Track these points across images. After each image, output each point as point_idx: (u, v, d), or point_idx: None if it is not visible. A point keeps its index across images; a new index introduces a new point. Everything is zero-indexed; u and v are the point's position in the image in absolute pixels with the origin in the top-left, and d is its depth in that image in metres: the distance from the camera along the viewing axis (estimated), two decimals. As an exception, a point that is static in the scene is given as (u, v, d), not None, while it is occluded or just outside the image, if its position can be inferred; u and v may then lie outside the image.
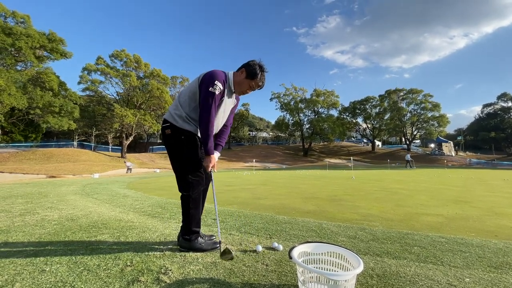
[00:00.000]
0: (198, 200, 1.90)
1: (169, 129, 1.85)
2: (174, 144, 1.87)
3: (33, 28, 22.85)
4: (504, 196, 5.53)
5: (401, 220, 3.24)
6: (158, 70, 33.89)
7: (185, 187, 1.86)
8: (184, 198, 1.87)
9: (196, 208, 1.89)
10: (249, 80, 1.92)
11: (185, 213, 1.87)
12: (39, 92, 22.21)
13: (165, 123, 1.88)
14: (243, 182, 8.90)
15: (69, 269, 1.55)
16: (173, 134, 1.85)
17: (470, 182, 9.38)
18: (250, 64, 1.93)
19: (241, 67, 1.95)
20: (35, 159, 24.13)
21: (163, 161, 32.16)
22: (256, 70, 1.90)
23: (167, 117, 1.88)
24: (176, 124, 1.83)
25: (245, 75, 1.92)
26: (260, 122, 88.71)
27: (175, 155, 1.89)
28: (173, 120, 1.85)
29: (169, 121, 1.86)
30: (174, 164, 1.91)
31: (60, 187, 6.68)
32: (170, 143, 1.88)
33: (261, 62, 1.96)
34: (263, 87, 2.03)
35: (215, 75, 1.79)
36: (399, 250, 1.99)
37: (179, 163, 1.88)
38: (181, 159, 1.87)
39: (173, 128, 1.84)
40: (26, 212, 3.27)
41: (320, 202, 4.63)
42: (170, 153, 1.91)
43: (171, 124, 1.84)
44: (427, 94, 45.45)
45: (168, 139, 1.88)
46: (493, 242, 2.25)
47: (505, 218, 3.38)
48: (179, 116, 1.84)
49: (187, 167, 1.86)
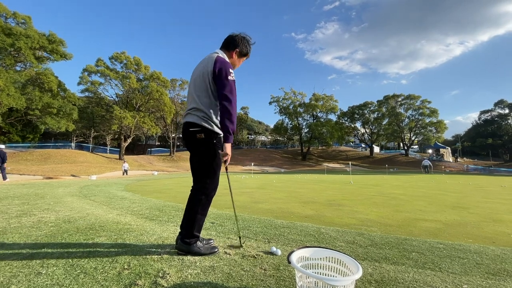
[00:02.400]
0: (207, 206, 1.87)
1: (202, 133, 1.78)
2: (206, 149, 1.80)
3: (33, 29, 22.88)
4: (501, 203, 5.55)
5: (399, 225, 3.24)
6: (158, 72, 33.99)
7: (200, 191, 1.83)
8: (194, 201, 1.83)
9: (203, 213, 1.86)
10: (242, 58, 2.02)
11: (191, 217, 1.81)
12: (38, 93, 22.16)
13: (194, 127, 1.79)
14: (242, 186, 8.88)
15: (66, 272, 1.53)
16: (207, 138, 1.79)
17: (468, 188, 9.41)
18: (237, 40, 1.95)
19: (232, 47, 1.96)
20: (32, 160, 23.98)
21: (162, 163, 32.06)
22: (247, 47, 1.99)
23: (196, 121, 1.79)
24: (211, 128, 1.78)
25: (238, 55, 1.98)
26: (259, 125, 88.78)
27: (203, 159, 1.82)
28: (206, 123, 1.78)
29: (201, 125, 1.77)
30: (200, 167, 1.85)
31: (57, 189, 6.63)
32: (200, 148, 1.81)
33: (246, 36, 2.00)
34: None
35: (227, 63, 1.81)
36: (398, 255, 1.99)
37: (205, 167, 1.83)
38: (210, 163, 1.81)
39: (207, 132, 1.78)
40: (22, 214, 3.24)
41: (319, 206, 4.63)
42: (199, 157, 1.84)
43: (204, 128, 1.77)
44: (425, 100, 45.86)
45: (199, 144, 1.81)
46: (491, 249, 2.25)
47: (502, 225, 3.39)
48: (210, 120, 1.79)
49: (210, 172, 1.82)
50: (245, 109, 52.77)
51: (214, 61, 1.78)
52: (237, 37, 1.95)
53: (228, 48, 1.95)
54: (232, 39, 1.96)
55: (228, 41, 1.97)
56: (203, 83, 1.81)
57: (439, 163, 39.42)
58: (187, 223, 1.83)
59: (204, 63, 1.85)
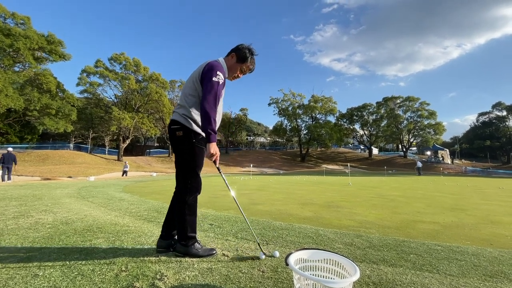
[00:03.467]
0: (193, 206, 1.87)
1: (180, 131, 1.80)
2: (185, 147, 1.82)
3: (32, 30, 22.81)
4: (499, 205, 5.57)
5: (397, 227, 3.25)
6: (158, 74, 33.97)
7: (182, 192, 1.83)
8: (179, 204, 1.83)
9: (192, 214, 1.85)
10: (240, 64, 1.94)
11: (181, 219, 1.83)
12: (37, 94, 22.08)
13: (175, 124, 1.82)
14: (240, 187, 8.88)
15: (63, 273, 1.52)
16: (185, 136, 1.80)
17: (466, 190, 9.43)
18: (240, 48, 1.93)
19: (231, 51, 1.95)
20: (30, 161, 23.86)
21: (160, 165, 31.98)
22: (246, 54, 1.92)
23: (177, 118, 1.82)
24: (189, 126, 1.79)
25: (236, 59, 1.93)
26: (258, 127, 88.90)
27: (183, 158, 1.84)
28: (185, 121, 1.80)
29: (180, 122, 1.80)
30: (180, 166, 1.86)
31: (55, 190, 6.60)
32: (179, 146, 1.83)
33: (250, 46, 1.96)
34: (254, 70, 2.04)
35: (216, 66, 1.79)
36: (396, 257, 1.99)
37: (185, 166, 1.84)
38: (188, 162, 1.82)
39: (186, 130, 1.79)
40: (19, 215, 3.23)
41: (317, 208, 4.63)
42: (179, 156, 1.85)
43: (183, 126, 1.80)
44: (424, 102, 45.99)
45: (179, 142, 1.83)
46: (488, 251, 2.26)
47: (500, 227, 3.40)
48: (190, 118, 1.80)
49: (191, 172, 1.83)
50: (244, 110, 52.67)
51: (206, 64, 1.83)
52: (239, 45, 1.97)
53: (228, 53, 1.98)
54: (234, 47, 1.98)
55: (231, 48, 1.99)
56: (192, 84, 1.86)
57: (438, 165, 39.53)
58: (179, 226, 1.83)
59: (199, 66, 1.90)
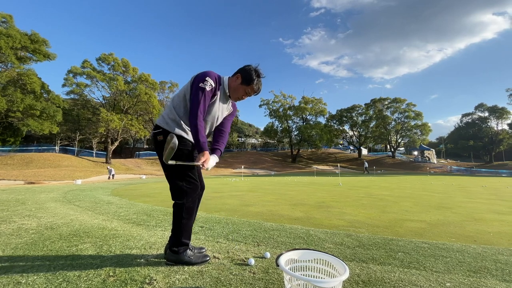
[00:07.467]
0: (191, 209, 1.81)
1: (161, 135, 1.76)
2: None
3: (15, 28, 22.06)
4: (482, 202, 5.78)
5: (386, 226, 3.31)
6: (147, 74, 33.43)
7: (178, 195, 1.78)
8: (177, 207, 1.77)
9: (189, 218, 1.79)
10: (244, 86, 1.85)
11: (177, 222, 1.76)
12: (20, 95, 21.35)
13: (156, 129, 1.78)
14: (232, 189, 8.84)
15: (47, 280, 1.47)
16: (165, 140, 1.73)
17: (451, 188, 9.74)
18: (246, 69, 1.85)
19: (237, 72, 1.88)
20: (13, 164, 22.97)
21: (150, 167, 31.45)
22: (252, 76, 1.83)
23: (159, 122, 1.79)
24: (169, 129, 1.75)
25: (241, 81, 1.85)
26: (249, 128, 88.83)
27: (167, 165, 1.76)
28: (165, 125, 1.76)
29: (161, 126, 1.77)
30: (167, 172, 1.81)
31: (39, 194, 6.38)
32: (161, 152, 1.75)
33: (257, 67, 1.88)
34: (260, 92, 1.95)
35: (206, 73, 1.75)
36: (384, 256, 2.03)
37: (171, 170, 1.78)
38: (173, 166, 1.75)
39: (166, 134, 1.74)
40: (1, 221, 3.10)
41: (308, 208, 4.66)
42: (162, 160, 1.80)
43: (164, 130, 1.76)
44: (410, 103, 47.27)
45: (159, 147, 1.77)
46: (472, 247, 2.34)
47: (483, 224, 3.52)
48: (172, 121, 1.77)
49: (179, 175, 1.77)
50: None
51: (200, 72, 1.80)
52: (246, 66, 1.90)
53: (234, 73, 1.91)
54: (241, 67, 1.91)
55: (237, 69, 1.93)
56: (182, 90, 1.84)
57: (424, 164, 40.65)
58: (174, 229, 1.78)
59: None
